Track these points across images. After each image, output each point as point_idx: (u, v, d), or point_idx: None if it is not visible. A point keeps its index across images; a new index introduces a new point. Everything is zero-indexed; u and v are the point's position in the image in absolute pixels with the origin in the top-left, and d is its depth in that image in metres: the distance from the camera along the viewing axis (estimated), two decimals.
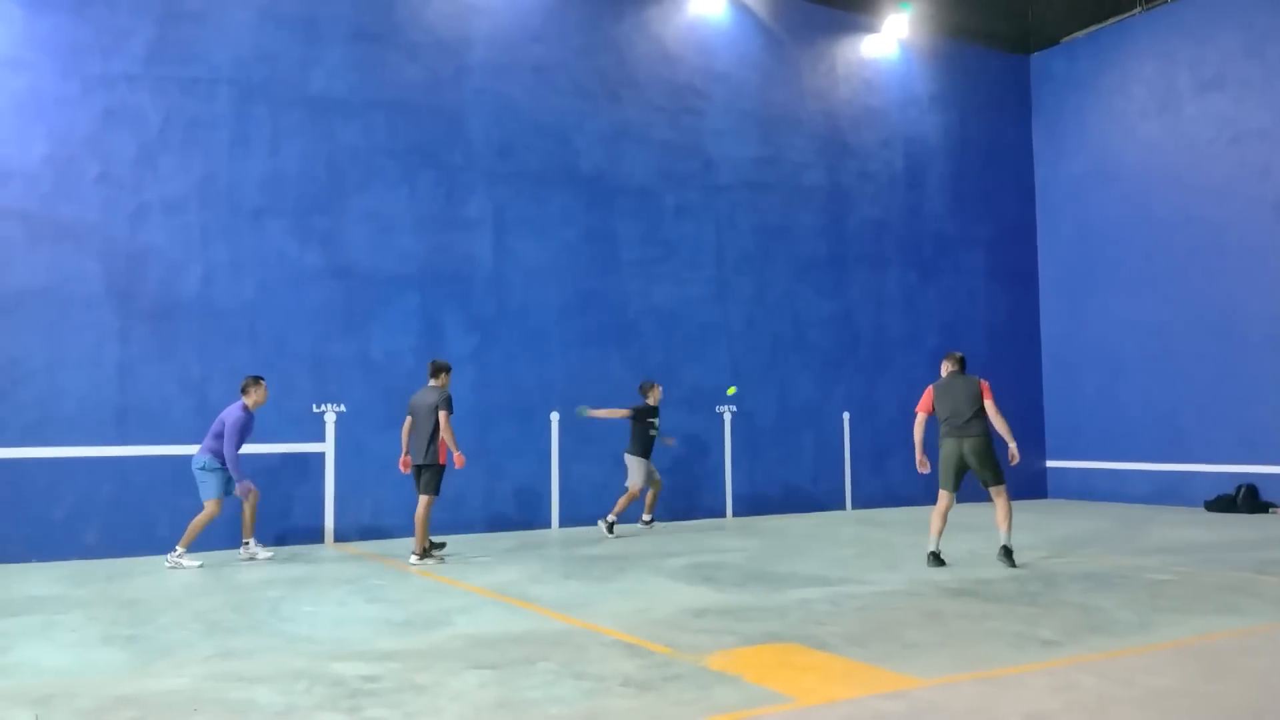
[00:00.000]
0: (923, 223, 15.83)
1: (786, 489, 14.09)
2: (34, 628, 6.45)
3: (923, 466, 9.49)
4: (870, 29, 15.60)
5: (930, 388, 9.46)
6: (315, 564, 9.46)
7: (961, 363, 9.48)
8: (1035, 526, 12.14)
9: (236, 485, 9.50)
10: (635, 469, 11.59)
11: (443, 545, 9.95)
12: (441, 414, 9.29)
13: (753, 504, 13.74)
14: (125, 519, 10.08)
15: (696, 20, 14.07)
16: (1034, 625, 6.15)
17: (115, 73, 10.47)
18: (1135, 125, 15.69)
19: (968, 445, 8.92)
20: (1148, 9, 15.64)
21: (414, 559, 9.26)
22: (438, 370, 9.64)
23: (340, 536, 11.08)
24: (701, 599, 7.20)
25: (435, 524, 11.59)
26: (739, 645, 5.67)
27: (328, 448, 11.16)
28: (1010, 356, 16.53)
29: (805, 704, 4.48)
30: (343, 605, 7.15)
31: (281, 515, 10.84)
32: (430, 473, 9.44)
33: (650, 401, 11.79)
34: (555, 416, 12.46)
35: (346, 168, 11.55)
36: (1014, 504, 9.33)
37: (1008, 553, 8.72)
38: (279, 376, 10.88)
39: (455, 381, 11.81)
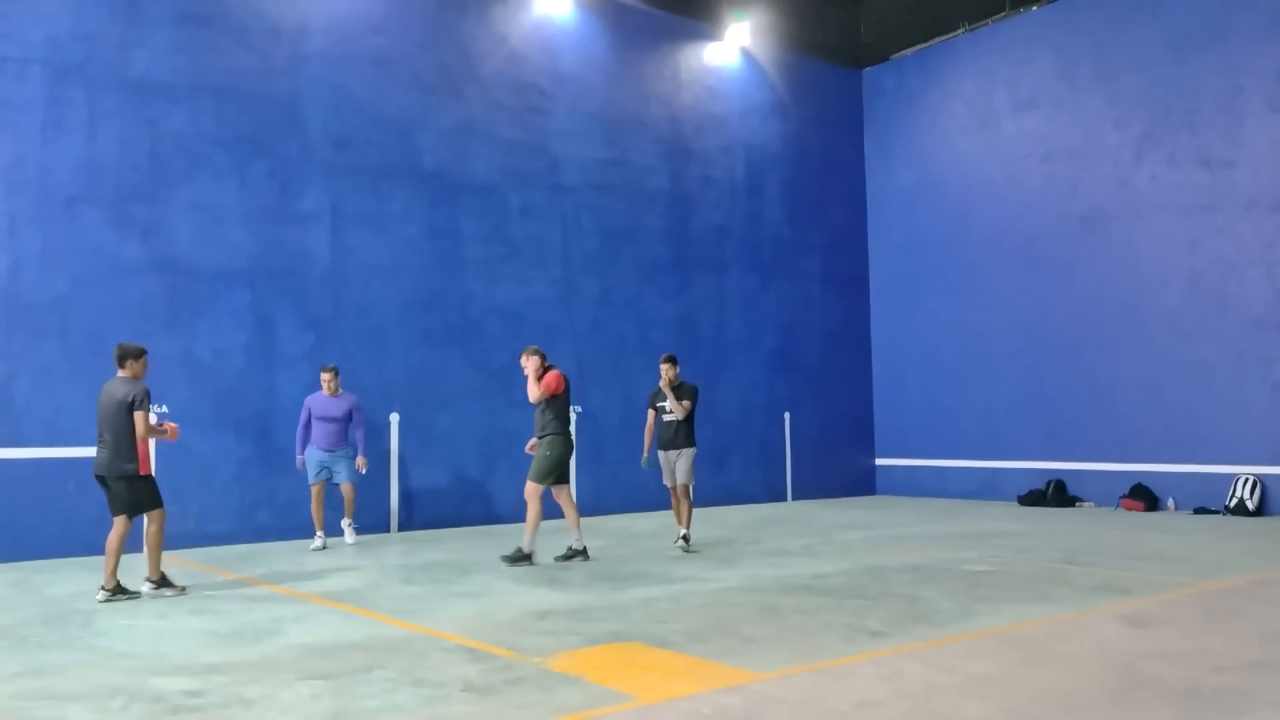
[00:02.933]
0: (762, 228, 16.26)
1: (630, 489, 14.20)
2: None
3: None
4: (713, 36, 15.92)
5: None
6: (133, 575, 8.92)
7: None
8: (866, 523, 12.65)
9: None
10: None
11: (181, 589, 7.80)
12: (137, 414, 7.59)
13: (596, 504, 13.79)
14: None
15: (542, 20, 14.02)
16: (863, 617, 6.40)
17: None
18: (957, 140, 16.57)
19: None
20: (971, 29, 16.55)
21: (147, 587, 7.65)
22: (124, 356, 7.78)
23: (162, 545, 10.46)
24: (545, 600, 7.18)
25: (268, 530, 11.15)
26: (582, 646, 5.67)
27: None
28: (844, 358, 17.20)
29: (647, 702, 4.52)
30: (163, 618, 6.77)
31: (96, 522, 10.16)
32: (130, 488, 7.58)
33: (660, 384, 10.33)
34: (395, 418, 12.17)
35: (171, 156, 10.95)
36: (847, 500, 9.70)
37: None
38: (93, 375, 10.20)
39: (288, 381, 11.40)
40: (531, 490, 9.04)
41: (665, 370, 10.12)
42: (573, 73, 14.25)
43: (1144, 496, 13.69)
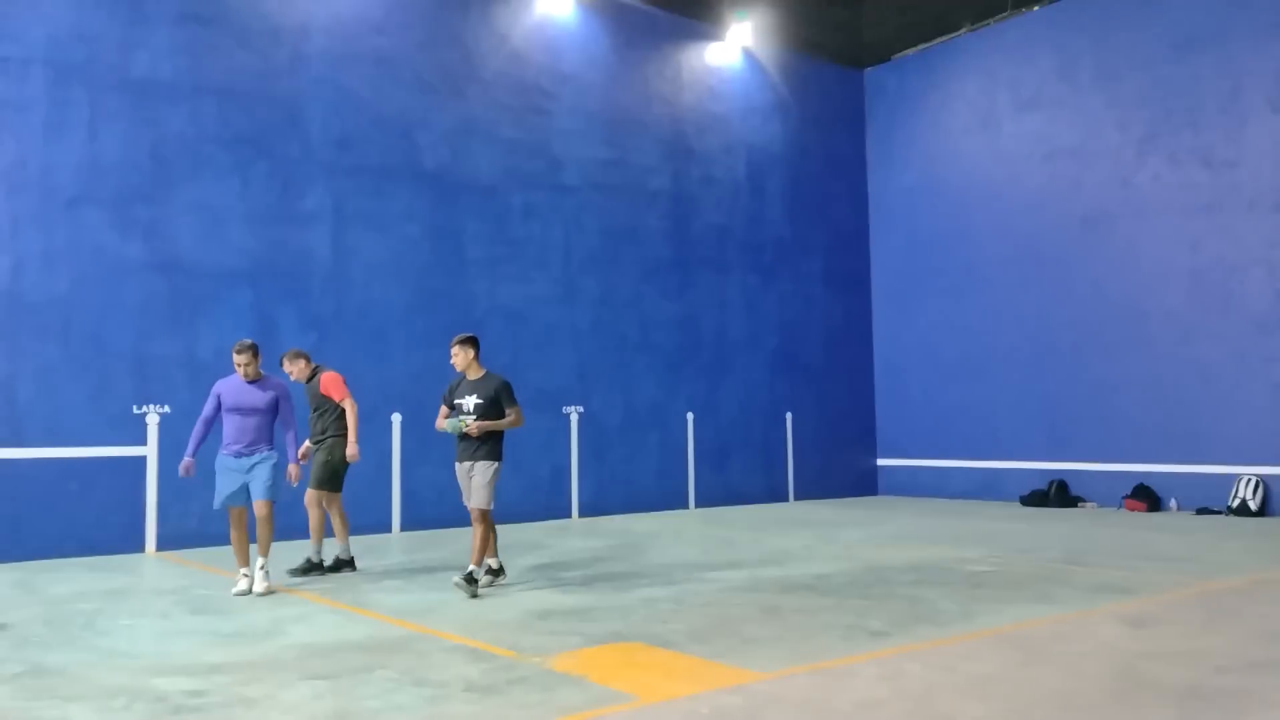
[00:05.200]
0: (763, 228, 16.26)
1: (631, 489, 14.21)
2: None
3: None
4: (714, 36, 15.92)
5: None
6: (135, 574, 8.94)
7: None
8: (867, 522, 12.65)
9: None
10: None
11: None
12: None
13: (598, 505, 13.79)
14: None
15: (544, 20, 14.02)
16: (865, 617, 6.40)
17: None
18: (959, 141, 16.57)
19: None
20: (972, 29, 16.54)
21: None
22: None
23: (163, 545, 10.50)
24: (546, 601, 7.18)
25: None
26: (583, 646, 5.67)
27: (149, 451, 10.55)
28: (846, 358, 17.19)
29: (648, 702, 4.52)
30: (165, 617, 6.77)
31: (97, 523, 10.18)
32: None
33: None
34: (397, 418, 12.17)
35: (173, 156, 10.95)
36: (849, 500, 9.68)
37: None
38: (96, 376, 10.24)
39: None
40: (312, 497, 8.65)
41: (457, 354, 7.99)
42: (574, 73, 14.25)
43: (1146, 497, 13.68)
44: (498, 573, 7.97)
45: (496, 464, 7.78)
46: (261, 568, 7.69)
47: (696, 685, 4.79)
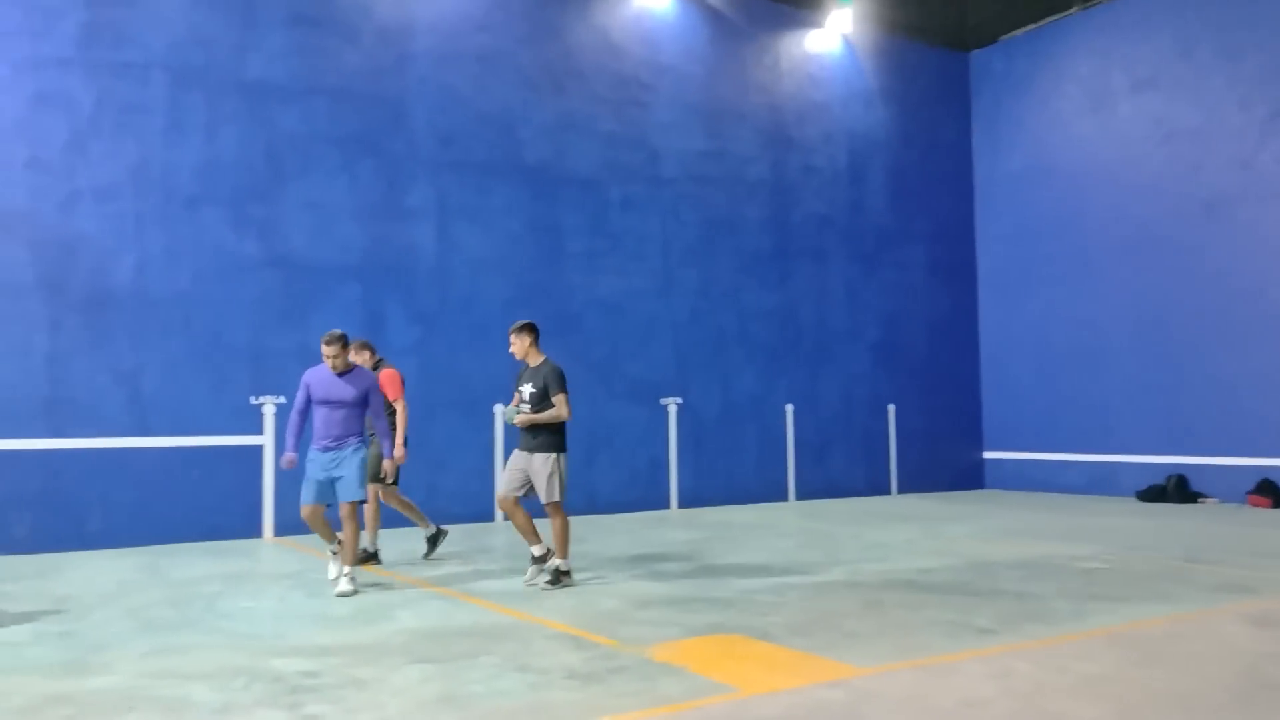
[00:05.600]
0: (865, 217, 16.01)
1: (730, 481, 14.18)
2: None
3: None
4: (814, 24, 15.72)
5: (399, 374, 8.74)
6: (253, 559, 9.31)
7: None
8: (973, 517, 12.36)
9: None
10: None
11: None
12: None
13: (697, 496, 13.80)
14: (56, 513, 9.82)
15: (642, 12, 14.05)
16: (970, 614, 6.26)
17: (45, 56, 10.17)
18: (1071, 123, 16.01)
19: None
20: (1084, 8, 15.96)
21: None
22: None
23: (280, 530, 10.90)
24: (646, 591, 7.22)
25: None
26: (683, 637, 5.69)
27: (266, 440, 10.97)
28: (950, 349, 16.82)
29: (748, 694, 4.51)
30: (282, 600, 7.04)
31: (218, 509, 10.64)
32: None
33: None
34: (499, 409, 12.38)
35: (285, 155, 11.34)
36: (954, 495, 9.47)
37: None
38: (215, 368, 10.69)
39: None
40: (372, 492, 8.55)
41: (514, 342, 7.82)
42: (672, 64, 14.25)
43: (1271, 492, 13.04)
44: (542, 557, 7.54)
45: (555, 455, 7.44)
46: (346, 574, 7.25)
47: (797, 678, 4.76)
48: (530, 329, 7.83)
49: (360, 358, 8.55)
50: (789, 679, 4.76)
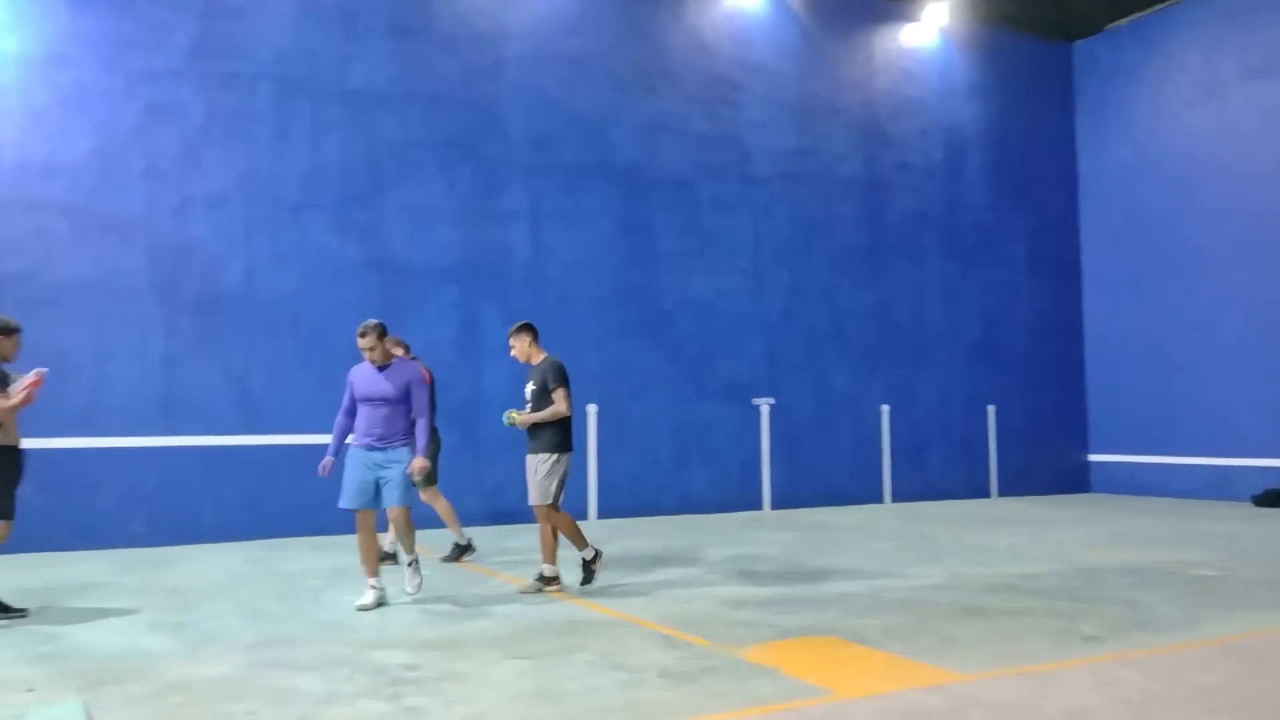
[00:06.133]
0: (963, 214, 15.67)
1: (824, 482, 14.03)
2: (84, 614, 6.58)
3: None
4: (909, 17, 15.45)
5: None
6: (355, 554, 9.53)
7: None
8: (1078, 521, 11.99)
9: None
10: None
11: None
12: None
13: (790, 497, 13.69)
14: (170, 508, 10.25)
15: (733, 11, 14.00)
16: (1076, 621, 6.07)
17: (159, 68, 10.62)
18: (1180, 114, 15.41)
19: None
20: None
21: None
22: None
23: (381, 526, 11.14)
24: (739, 592, 7.19)
25: (474, 515, 11.66)
26: (776, 638, 5.66)
27: None
28: (1053, 348, 16.35)
29: (843, 697, 4.46)
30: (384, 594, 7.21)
31: (322, 505, 10.92)
32: None
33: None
34: (592, 409, 12.48)
35: (385, 161, 11.63)
36: (1057, 498, 9.19)
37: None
38: (320, 368, 11.00)
39: (492, 374, 11.90)
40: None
41: (513, 346, 7.70)
42: (764, 63, 14.16)
43: None
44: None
45: (553, 455, 7.18)
46: (410, 564, 7.05)
47: (894, 683, 4.69)
48: (528, 329, 7.66)
49: (397, 351, 8.23)
50: (885, 683, 4.69)
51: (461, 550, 8.91)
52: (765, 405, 13.71)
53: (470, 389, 11.84)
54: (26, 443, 9.69)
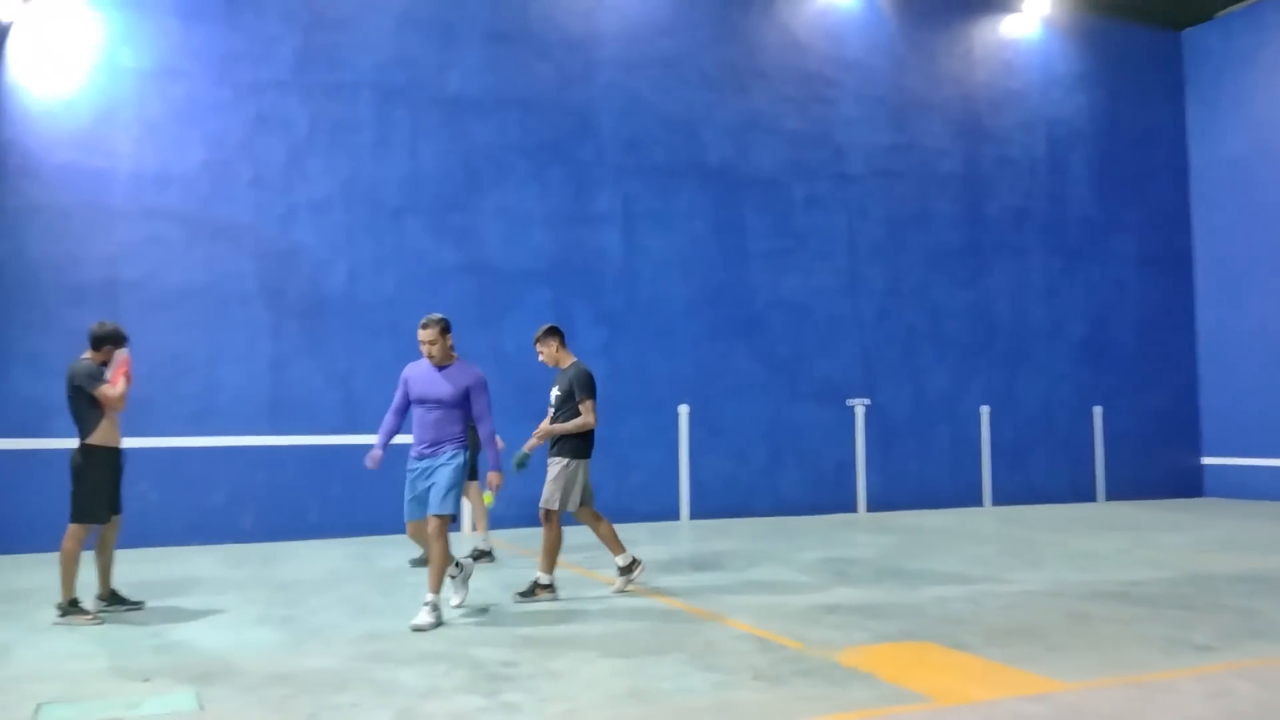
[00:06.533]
0: (1067, 208, 15.20)
1: (921, 484, 13.77)
2: (196, 607, 6.85)
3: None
4: (1010, 9, 15.06)
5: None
6: (452, 551, 9.71)
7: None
8: (1190, 526, 11.52)
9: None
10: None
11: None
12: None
13: (885, 500, 13.48)
14: (278, 505, 10.60)
15: (826, 8, 13.85)
16: (1187, 629, 5.84)
17: (265, 79, 11.00)
18: None
19: None
20: None
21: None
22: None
23: (475, 525, 11.35)
24: (833, 594, 7.11)
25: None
26: (872, 642, 5.57)
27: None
28: (1163, 347, 15.74)
29: (942, 704, 4.37)
30: (479, 592, 7.33)
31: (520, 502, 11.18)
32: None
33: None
34: (684, 409, 12.48)
35: (481, 166, 11.84)
36: (1168, 502, 8.84)
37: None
38: None
39: None
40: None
41: (541, 351, 7.41)
42: (858, 59, 13.98)
43: None
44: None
45: (569, 461, 7.06)
46: (451, 578, 6.65)
47: (995, 690, 4.58)
48: (555, 333, 7.36)
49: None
50: (986, 690, 4.58)
51: (480, 554, 8.80)
52: (860, 406, 13.53)
53: None
54: (144, 441, 10.14)
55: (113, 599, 6.64)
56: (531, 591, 6.95)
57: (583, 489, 7.17)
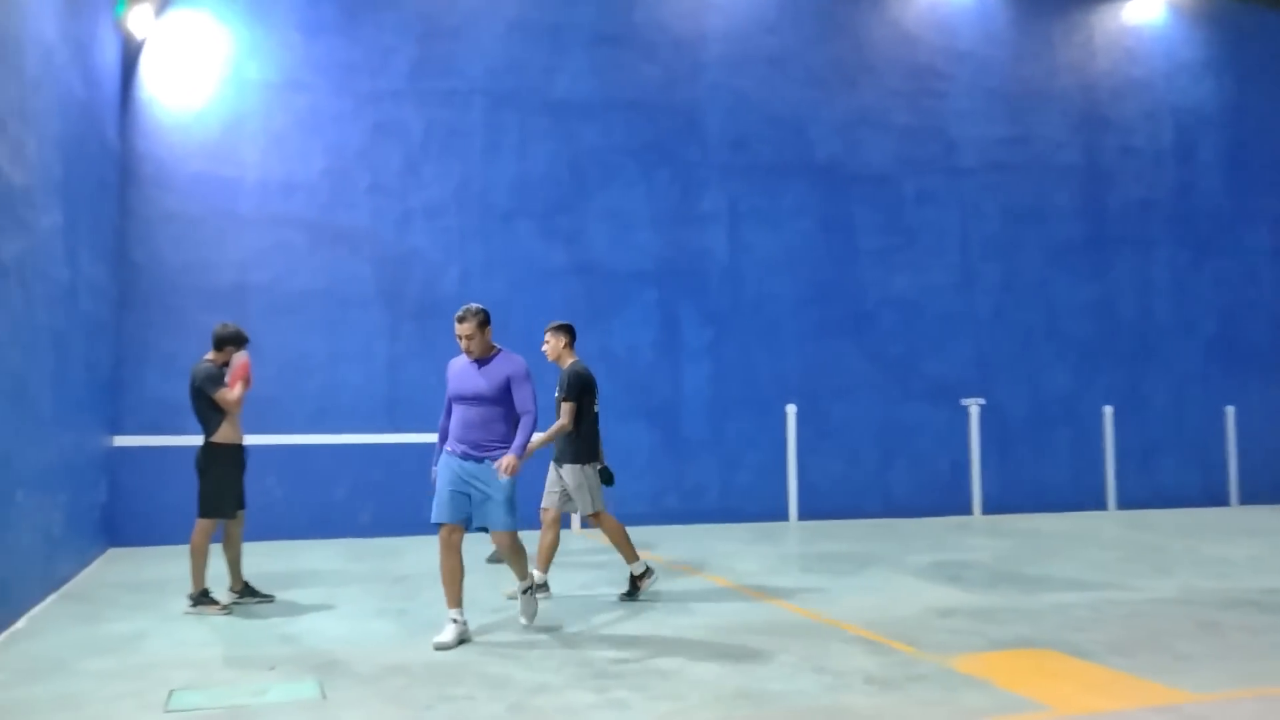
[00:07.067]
0: (1195, 200, 14.53)
1: (1040, 487, 13.34)
2: (317, 600, 7.12)
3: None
4: None
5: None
6: (563, 548, 9.86)
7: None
8: None
9: None
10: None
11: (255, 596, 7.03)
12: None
13: (1002, 502, 13.10)
14: (394, 501, 10.91)
15: (937, 0, 13.56)
16: None
17: (382, 89, 11.33)
18: None
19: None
20: None
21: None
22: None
23: (585, 523, 11.49)
24: (947, 599, 6.96)
25: (675, 514, 11.82)
26: (988, 649, 5.44)
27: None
28: None
29: (1063, 713, 4.24)
30: (587, 589, 7.42)
31: (528, 502, 11.36)
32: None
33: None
34: (791, 409, 12.38)
35: (588, 168, 11.97)
36: None
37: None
38: (530, 368, 11.42)
39: (692, 374, 12.04)
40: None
41: (548, 341, 7.42)
42: (971, 50, 13.62)
43: None
44: (640, 576, 7.02)
45: (584, 466, 7.06)
46: (525, 591, 6.07)
47: (1119, 700, 4.42)
48: (566, 330, 7.36)
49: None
50: (1110, 700, 4.42)
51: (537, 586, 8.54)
52: (975, 406, 13.19)
53: (670, 389, 12.01)
54: (269, 438, 10.58)
55: (245, 591, 6.95)
56: (540, 589, 6.94)
57: (592, 491, 7.12)
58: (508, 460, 5.59)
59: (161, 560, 8.89)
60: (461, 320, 5.80)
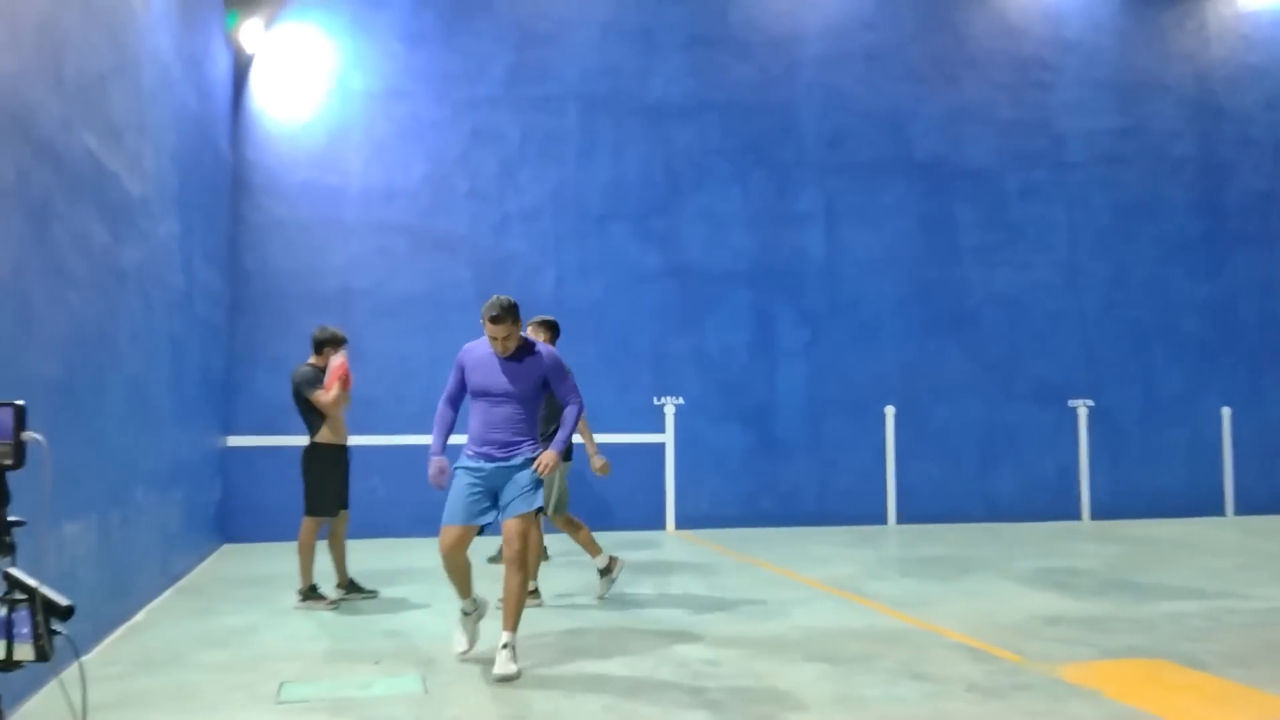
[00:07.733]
0: None
1: (1152, 491, 12.83)
2: (419, 596, 7.28)
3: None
4: None
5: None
6: (658, 550, 9.90)
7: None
8: None
9: None
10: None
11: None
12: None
13: (1112, 507, 12.65)
14: None
15: None
16: None
17: (480, 96, 11.54)
18: None
19: None
20: None
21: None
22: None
23: (680, 524, 11.51)
24: (1053, 606, 6.75)
25: (770, 516, 11.73)
26: (1096, 658, 5.25)
27: (668, 438, 11.63)
28: None
29: None
30: (685, 590, 7.42)
31: (627, 502, 11.45)
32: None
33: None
34: (890, 410, 12.17)
35: (682, 170, 11.97)
36: None
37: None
38: (622, 371, 11.50)
39: (787, 375, 11.95)
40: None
41: (533, 335, 6.93)
42: (1079, 39, 13.20)
43: None
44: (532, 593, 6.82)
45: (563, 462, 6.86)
46: (505, 645, 4.97)
47: (1236, 714, 4.22)
48: (550, 325, 7.23)
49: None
50: (1227, 714, 4.23)
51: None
52: (1083, 407, 12.77)
53: (766, 390, 11.93)
54: (373, 439, 10.86)
55: (351, 587, 7.15)
56: (531, 595, 6.83)
57: (559, 493, 7.06)
58: (549, 457, 5.24)
59: (272, 556, 9.20)
60: (497, 321, 5.14)
